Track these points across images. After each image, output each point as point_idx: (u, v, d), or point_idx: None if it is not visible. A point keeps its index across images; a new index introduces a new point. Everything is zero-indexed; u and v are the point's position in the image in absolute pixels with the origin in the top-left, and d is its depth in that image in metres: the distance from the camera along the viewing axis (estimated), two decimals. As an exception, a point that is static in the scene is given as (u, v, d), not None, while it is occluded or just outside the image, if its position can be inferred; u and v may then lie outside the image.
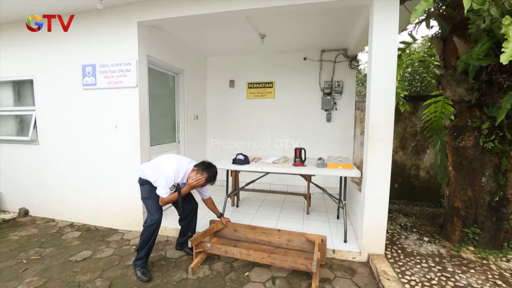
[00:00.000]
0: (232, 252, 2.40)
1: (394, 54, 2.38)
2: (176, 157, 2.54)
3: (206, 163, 2.48)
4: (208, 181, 2.44)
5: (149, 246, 2.35)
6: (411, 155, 4.38)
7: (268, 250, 2.62)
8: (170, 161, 2.44)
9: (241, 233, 2.79)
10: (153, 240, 2.37)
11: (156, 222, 2.33)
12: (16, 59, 3.55)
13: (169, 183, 2.33)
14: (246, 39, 3.98)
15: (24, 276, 2.34)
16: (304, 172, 2.85)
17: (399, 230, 3.19)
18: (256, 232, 2.74)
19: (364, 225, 2.57)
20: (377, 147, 2.47)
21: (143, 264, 2.35)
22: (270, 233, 2.72)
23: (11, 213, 3.78)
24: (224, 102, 5.07)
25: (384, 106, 2.42)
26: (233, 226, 2.83)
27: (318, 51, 4.51)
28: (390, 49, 2.37)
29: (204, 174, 2.40)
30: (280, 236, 2.67)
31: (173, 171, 2.35)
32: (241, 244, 2.76)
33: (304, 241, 2.55)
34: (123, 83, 3.06)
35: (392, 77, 2.40)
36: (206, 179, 2.41)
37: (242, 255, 2.36)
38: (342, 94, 4.50)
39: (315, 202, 4.17)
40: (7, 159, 3.76)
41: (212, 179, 2.45)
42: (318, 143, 4.64)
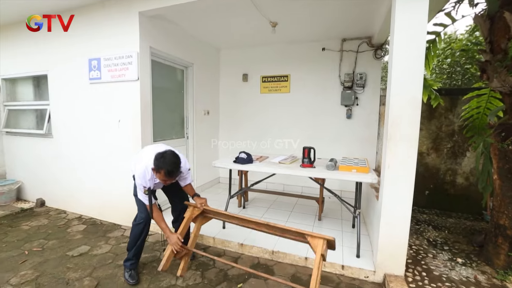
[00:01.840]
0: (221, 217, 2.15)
1: (422, 37, 1.95)
2: (153, 150, 2.05)
3: (157, 156, 1.93)
4: (169, 176, 1.92)
5: (137, 246, 2.21)
6: (446, 158, 3.78)
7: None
8: (145, 156, 2.08)
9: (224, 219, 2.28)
10: (142, 240, 2.22)
11: (144, 221, 2.17)
12: (33, 55, 3.67)
13: (140, 186, 2.04)
14: (257, 29, 3.70)
15: (20, 268, 2.35)
16: (311, 174, 2.52)
17: (426, 247, 2.71)
18: (243, 222, 2.10)
19: (380, 239, 2.18)
20: (399, 148, 2.06)
21: (132, 266, 2.22)
22: (259, 226, 2.03)
23: (30, 202, 3.97)
24: (236, 97, 4.86)
25: (408, 99, 2.00)
26: (214, 214, 2.23)
27: (338, 40, 4.07)
28: (417, 30, 1.94)
29: (160, 171, 1.90)
30: (271, 230, 1.98)
31: (142, 171, 2.00)
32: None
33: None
34: (125, 77, 2.98)
35: (419, 64, 1.97)
36: (165, 176, 1.91)
37: (233, 220, 2.08)
38: (364, 87, 4.03)
39: (329, 207, 3.79)
40: (27, 151, 3.94)
41: (171, 173, 1.91)
42: (336, 142, 4.22)
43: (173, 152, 2.00)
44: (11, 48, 3.88)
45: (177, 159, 1.96)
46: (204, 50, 4.38)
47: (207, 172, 4.62)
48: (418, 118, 2.02)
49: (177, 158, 1.97)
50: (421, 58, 1.96)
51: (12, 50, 3.88)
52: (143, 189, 2.03)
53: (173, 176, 1.96)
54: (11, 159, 4.14)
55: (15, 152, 4.08)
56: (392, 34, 2.04)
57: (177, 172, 1.96)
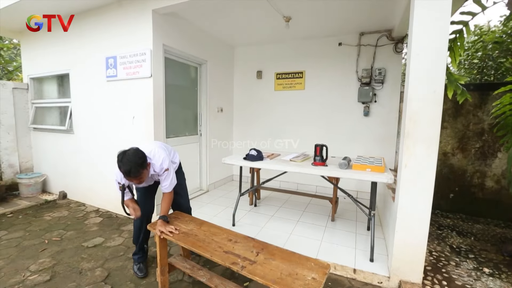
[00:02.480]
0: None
1: (445, 25, 1.78)
2: (137, 146, 1.92)
3: (119, 154, 1.80)
4: (128, 175, 1.76)
5: (141, 240, 2.24)
6: (474, 159, 3.49)
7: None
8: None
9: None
10: (144, 236, 2.23)
11: (140, 218, 2.09)
12: (57, 55, 3.86)
13: (115, 182, 2.00)
14: (270, 25, 3.64)
15: (40, 256, 2.47)
16: (322, 173, 2.42)
17: (449, 254, 2.51)
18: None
19: (396, 243, 2.04)
20: (417, 147, 1.91)
21: (140, 259, 2.26)
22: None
23: (54, 195, 4.19)
24: (250, 95, 4.82)
25: (428, 93, 1.85)
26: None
27: (355, 34, 3.90)
28: (439, 17, 1.78)
29: (120, 170, 1.79)
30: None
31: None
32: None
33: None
34: (139, 74, 3.04)
35: (441, 54, 1.81)
36: (125, 176, 1.79)
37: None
38: (384, 83, 3.82)
39: (344, 208, 3.65)
40: (52, 146, 4.16)
41: (129, 173, 1.74)
42: (352, 141, 4.06)
43: (136, 150, 1.82)
44: (38, 49, 4.12)
45: (138, 159, 1.76)
46: (218, 47, 4.39)
47: (220, 169, 4.63)
48: (440, 114, 1.85)
49: (140, 158, 1.78)
50: (444, 49, 1.80)
51: (38, 51, 4.11)
52: (117, 185, 1.99)
53: (133, 176, 1.77)
54: (38, 153, 4.40)
55: (41, 147, 4.33)
56: (411, 21, 1.89)
57: (137, 172, 1.76)
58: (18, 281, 2.11)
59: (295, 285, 1.32)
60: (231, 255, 1.61)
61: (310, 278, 1.37)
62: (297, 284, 1.32)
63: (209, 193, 4.28)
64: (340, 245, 2.61)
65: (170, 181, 2.04)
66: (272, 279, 1.37)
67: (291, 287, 1.31)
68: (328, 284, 2.13)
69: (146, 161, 1.85)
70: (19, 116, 4.28)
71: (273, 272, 1.43)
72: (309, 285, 1.31)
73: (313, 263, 1.50)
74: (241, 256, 1.59)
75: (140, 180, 1.85)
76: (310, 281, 1.34)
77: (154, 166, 1.98)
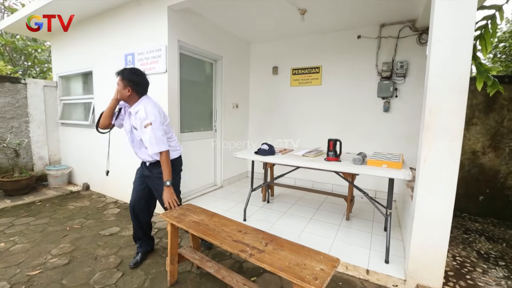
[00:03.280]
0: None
1: (471, 5, 1.63)
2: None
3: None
4: (119, 73, 2.00)
5: (134, 230, 2.31)
6: (508, 159, 3.19)
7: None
8: None
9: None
10: (137, 225, 2.27)
11: (131, 205, 2.23)
12: (82, 54, 4.08)
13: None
14: (285, 18, 3.57)
15: (61, 242, 2.62)
16: (335, 168, 2.33)
17: (475, 260, 2.31)
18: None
19: (413, 244, 1.91)
20: (437, 141, 1.77)
21: (138, 249, 2.33)
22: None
23: (78, 186, 4.44)
24: (266, 91, 4.78)
25: (451, 81, 1.70)
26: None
27: (375, 26, 3.72)
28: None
29: (119, 77, 2.01)
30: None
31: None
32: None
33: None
34: (155, 69, 3.12)
35: (467, 39, 1.65)
36: (122, 80, 1.99)
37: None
38: (406, 77, 3.61)
39: (361, 208, 3.49)
40: (77, 140, 4.41)
41: (123, 71, 2.01)
42: (370, 138, 3.88)
43: (137, 69, 2.09)
44: (65, 49, 4.38)
45: (135, 69, 2.04)
46: (234, 44, 4.39)
47: (235, 165, 4.64)
48: (464, 104, 1.70)
49: (135, 74, 2.01)
50: (470, 35, 1.65)
51: (66, 51, 4.38)
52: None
53: (122, 75, 1.99)
54: (65, 147, 4.68)
55: (67, 141, 4.60)
56: (433, 4, 1.75)
57: (128, 74, 1.99)
58: (40, 263, 2.24)
59: (302, 274, 1.28)
60: (240, 243, 1.60)
61: (318, 269, 1.32)
62: (305, 273, 1.28)
63: (223, 188, 4.30)
64: (353, 245, 2.49)
65: (151, 137, 1.90)
66: (280, 266, 1.35)
67: (298, 275, 1.27)
68: (338, 284, 2.04)
69: (138, 80, 2.02)
70: (49, 112, 4.58)
71: (281, 261, 1.40)
72: (317, 275, 1.26)
73: (322, 256, 1.44)
74: (250, 245, 1.57)
75: (117, 88, 2.00)
76: (318, 272, 1.29)
77: (140, 109, 1.96)
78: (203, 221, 1.94)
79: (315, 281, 1.22)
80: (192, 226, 1.86)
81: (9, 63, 6.24)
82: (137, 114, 1.97)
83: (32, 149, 4.42)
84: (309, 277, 1.25)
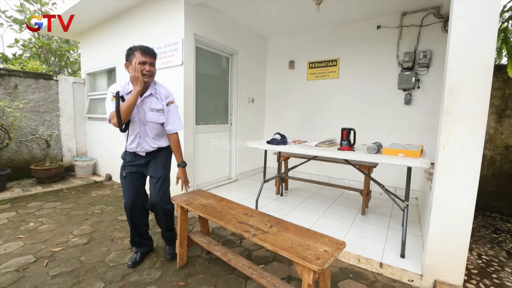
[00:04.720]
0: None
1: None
2: None
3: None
4: (147, 51, 1.83)
5: (131, 230, 2.10)
6: (547, 154, 2.89)
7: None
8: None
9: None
10: (134, 225, 2.05)
11: (127, 206, 1.98)
12: (106, 51, 4.32)
13: (109, 94, 1.84)
14: (301, 10, 3.53)
15: (83, 224, 2.78)
16: (347, 157, 2.25)
17: (504, 259, 2.12)
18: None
19: (430, 236, 1.79)
20: (458, 126, 1.65)
21: (136, 249, 2.15)
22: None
23: (101, 176, 4.69)
24: (282, 85, 4.75)
25: (474, 60, 1.58)
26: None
27: (396, 15, 3.56)
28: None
29: (135, 53, 1.81)
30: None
31: (116, 84, 1.91)
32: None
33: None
34: (172, 62, 3.22)
35: (492, 15, 1.53)
36: (142, 55, 1.80)
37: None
38: (429, 68, 3.41)
39: (377, 203, 3.35)
40: (101, 133, 4.67)
41: (147, 49, 1.85)
42: (391, 132, 3.71)
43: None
44: (92, 47, 4.67)
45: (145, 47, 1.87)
46: (250, 38, 4.42)
47: (250, 159, 4.66)
48: (489, 86, 1.57)
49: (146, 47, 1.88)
50: (495, 10, 1.52)
51: (93, 49, 4.66)
52: (111, 96, 1.81)
53: (150, 53, 1.84)
54: (91, 140, 4.98)
55: (93, 134, 4.89)
56: (454, -20, 1.64)
57: (153, 52, 1.88)
58: (62, 241, 2.39)
59: (305, 254, 1.25)
60: (244, 225, 1.61)
61: (322, 250, 1.29)
62: (307, 253, 1.25)
63: (237, 182, 4.33)
64: (367, 238, 2.39)
65: (176, 114, 1.97)
66: (282, 246, 1.33)
67: (301, 255, 1.24)
68: (349, 276, 1.97)
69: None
70: (77, 107, 4.90)
71: (284, 242, 1.38)
72: (320, 255, 1.23)
73: (328, 239, 1.40)
74: (254, 227, 1.58)
75: (151, 68, 1.84)
76: (321, 252, 1.26)
77: (161, 88, 1.94)
78: (211, 204, 1.98)
79: (317, 260, 1.19)
80: (200, 208, 1.90)
81: (45, 63, 6.76)
82: (160, 94, 1.94)
83: (62, 141, 4.74)
84: (311, 257, 1.22)
